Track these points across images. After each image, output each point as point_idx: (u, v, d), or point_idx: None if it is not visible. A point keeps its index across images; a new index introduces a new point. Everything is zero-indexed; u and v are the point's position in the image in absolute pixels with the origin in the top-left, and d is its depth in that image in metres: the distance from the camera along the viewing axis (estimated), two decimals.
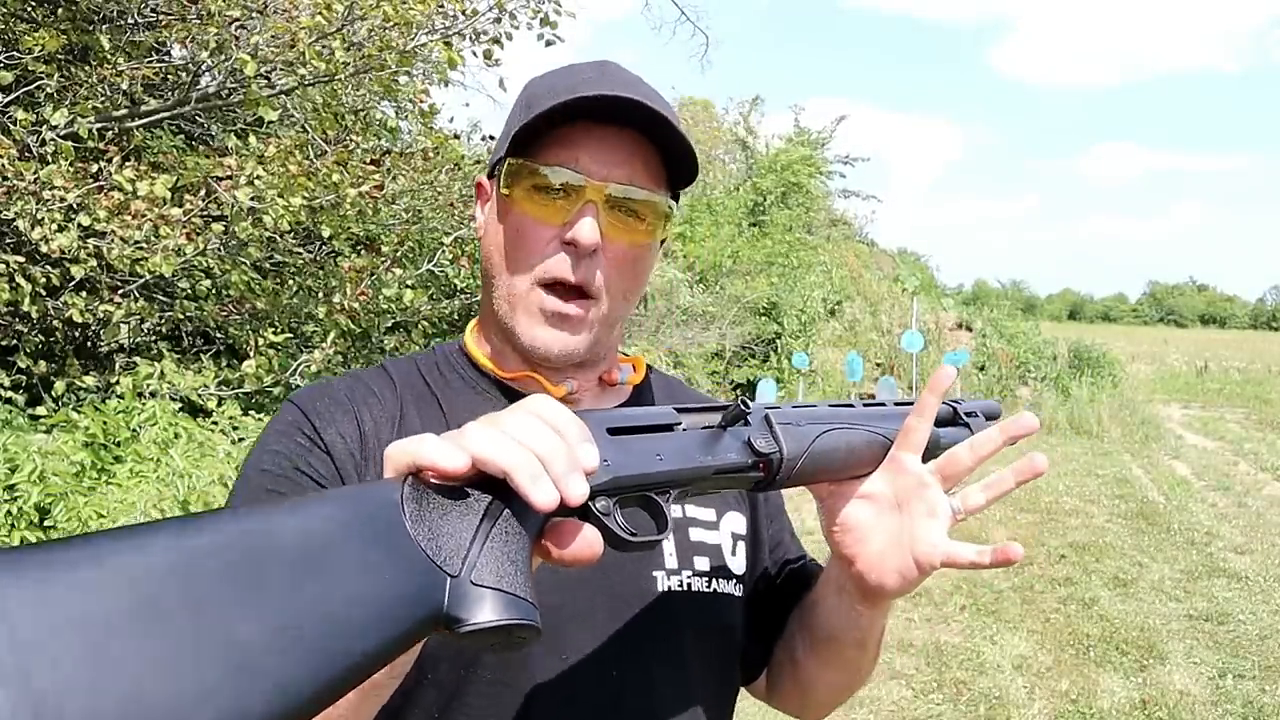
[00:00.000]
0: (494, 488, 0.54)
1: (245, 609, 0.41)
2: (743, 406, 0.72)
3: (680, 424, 0.69)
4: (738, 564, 0.96)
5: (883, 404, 0.88)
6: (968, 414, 0.92)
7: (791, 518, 1.12)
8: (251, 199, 3.76)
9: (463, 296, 5.81)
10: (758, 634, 1.01)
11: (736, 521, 0.97)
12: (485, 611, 0.49)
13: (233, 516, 0.45)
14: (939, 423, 0.87)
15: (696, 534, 0.93)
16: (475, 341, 0.96)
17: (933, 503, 0.81)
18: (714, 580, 0.93)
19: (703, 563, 0.93)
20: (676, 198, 0.92)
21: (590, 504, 0.59)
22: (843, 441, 0.80)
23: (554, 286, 0.85)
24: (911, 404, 0.86)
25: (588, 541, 0.57)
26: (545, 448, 0.54)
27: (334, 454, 0.83)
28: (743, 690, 1.04)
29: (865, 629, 0.90)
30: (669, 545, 0.91)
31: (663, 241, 0.96)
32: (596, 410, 0.65)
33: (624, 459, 0.63)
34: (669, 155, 0.87)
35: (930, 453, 0.83)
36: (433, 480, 0.53)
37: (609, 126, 0.83)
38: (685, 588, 0.90)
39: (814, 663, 0.98)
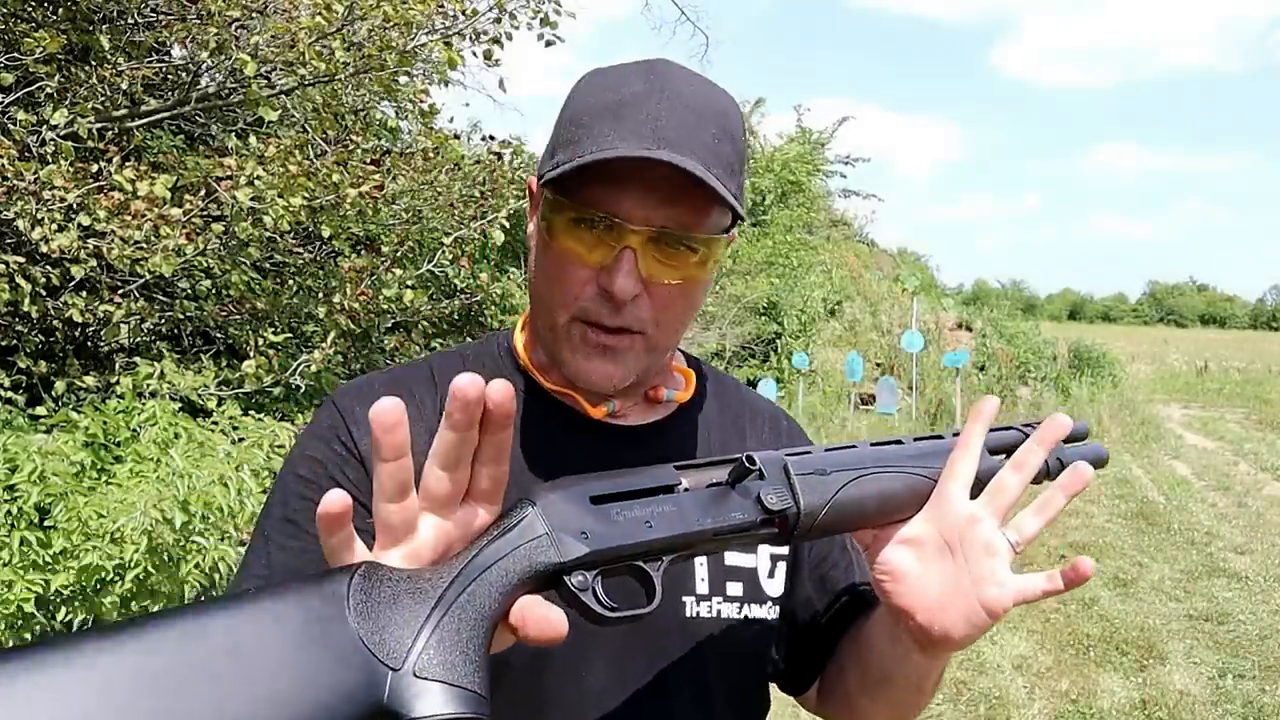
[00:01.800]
0: (452, 572, 0.54)
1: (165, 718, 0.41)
2: (747, 463, 0.68)
3: (680, 484, 0.66)
4: (774, 586, 0.93)
5: (940, 437, 0.81)
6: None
7: None
8: (251, 199, 3.76)
9: (463, 296, 5.81)
10: (805, 650, 0.99)
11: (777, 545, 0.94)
12: (427, 705, 0.48)
13: (168, 620, 0.45)
14: (1002, 452, 0.81)
15: (731, 558, 0.90)
16: (523, 343, 0.94)
17: (988, 539, 0.74)
18: (745, 606, 0.90)
19: (735, 588, 0.90)
20: (736, 218, 0.84)
21: (565, 579, 0.58)
22: (875, 487, 0.74)
23: (592, 324, 0.82)
24: (1005, 430, 0.81)
25: (550, 622, 0.55)
26: None
27: (368, 464, 0.82)
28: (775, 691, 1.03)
29: (923, 675, 0.86)
30: (701, 570, 0.88)
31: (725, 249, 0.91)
32: (582, 477, 0.63)
33: (605, 530, 0.60)
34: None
35: (983, 486, 0.78)
36: (391, 566, 0.53)
37: (652, 163, 0.76)
38: (715, 614, 0.88)
39: (866, 699, 0.94)
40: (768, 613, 0.92)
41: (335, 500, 0.52)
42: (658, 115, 0.77)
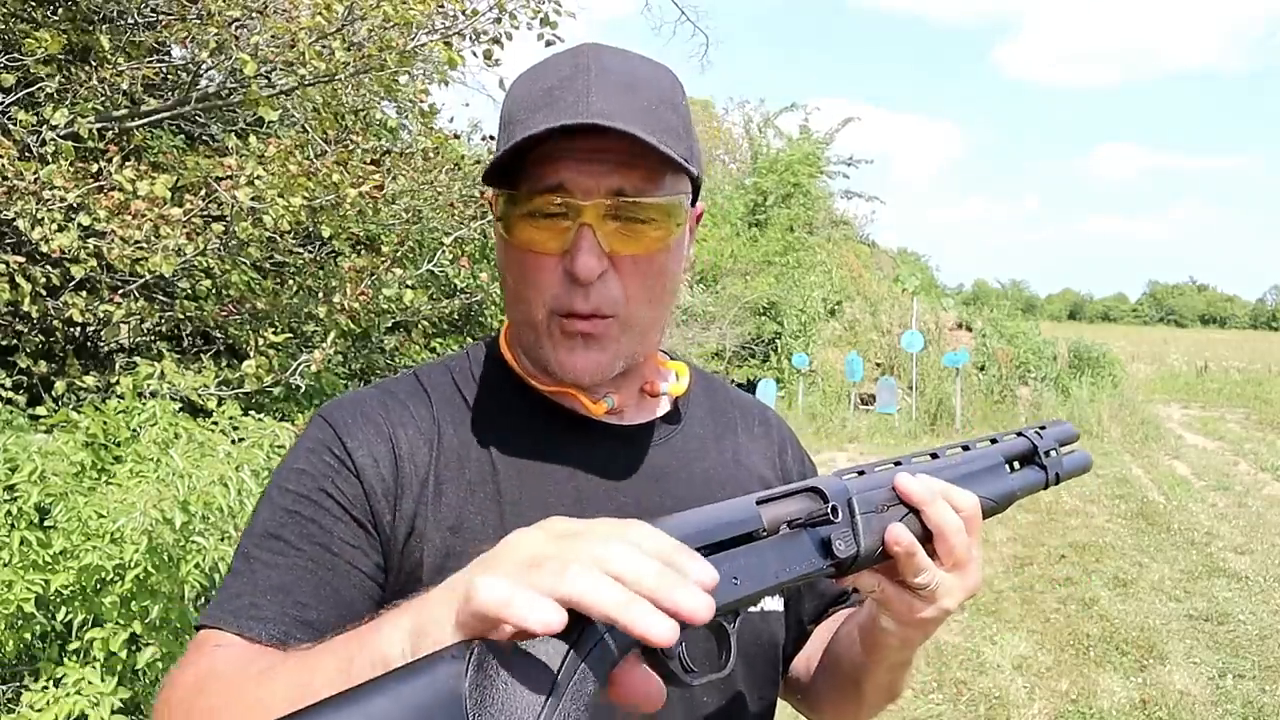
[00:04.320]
0: (568, 636, 0.50)
1: None
2: (832, 515, 0.66)
3: (761, 528, 0.64)
4: None
5: (967, 447, 0.82)
6: (1047, 453, 0.85)
7: None
8: (252, 199, 3.75)
9: (463, 296, 5.81)
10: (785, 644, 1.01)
11: None
12: None
13: None
14: (1010, 464, 0.82)
15: None
16: (508, 349, 0.92)
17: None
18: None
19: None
20: (697, 182, 0.85)
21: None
22: (915, 527, 0.74)
23: (568, 314, 0.81)
24: (1016, 435, 0.83)
25: (651, 695, 0.53)
26: (653, 578, 0.49)
27: (363, 477, 0.81)
28: None
29: (864, 671, 0.88)
30: None
31: (697, 223, 0.91)
32: (682, 522, 0.60)
33: None
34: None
35: (998, 508, 0.79)
36: (499, 643, 0.50)
37: (592, 134, 0.75)
38: None
39: (825, 686, 0.97)
40: (778, 604, 0.94)
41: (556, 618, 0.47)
42: (587, 91, 0.76)
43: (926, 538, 0.73)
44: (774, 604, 0.93)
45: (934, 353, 13.75)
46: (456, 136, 5.68)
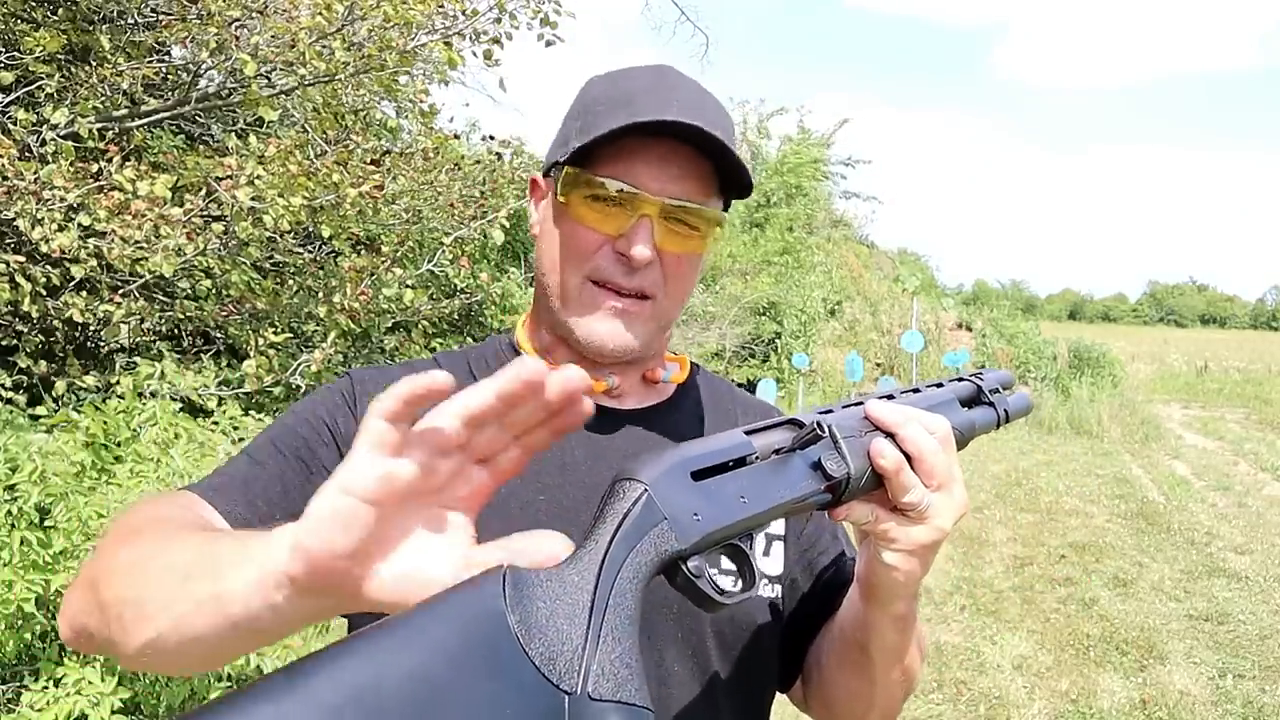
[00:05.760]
0: (592, 571, 0.51)
1: None
2: (818, 430, 0.67)
3: (754, 452, 0.65)
4: (772, 565, 0.95)
5: (917, 390, 0.84)
6: (993, 391, 0.89)
7: None
8: (252, 199, 3.76)
9: (462, 296, 5.81)
10: (790, 639, 0.99)
11: (775, 523, 0.94)
12: None
13: (340, 661, 0.42)
14: (965, 403, 0.86)
15: None
16: (526, 335, 0.99)
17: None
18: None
19: (731, 563, 0.92)
20: (727, 205, 0.94)
21: (683, 566, 0.56)
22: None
23: (606, 285, 0.88)
24: (959, 380, 0.87)
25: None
26: None
27: (360, 419, 0.86)
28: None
29: (868, 628, 0.86)
30: None
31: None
32: (679, 449, 0.61)
33: (713, 510, 0.58)
34: (721, 166, 0.88)
35: (965, 439, 0.82)
36: (528, 570, 0.50)
37: (666, 140, 0.85)
38: None
39: (833, 661, 0.94)
40: (766, 590, 0.93)
41: (442, 379, 0.50)
42: (670, 99, 0.85)
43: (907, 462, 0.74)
44: (760, 588, 0.92)
45: (934, 353, 13.76)
46: (456, 136, 5.68)
